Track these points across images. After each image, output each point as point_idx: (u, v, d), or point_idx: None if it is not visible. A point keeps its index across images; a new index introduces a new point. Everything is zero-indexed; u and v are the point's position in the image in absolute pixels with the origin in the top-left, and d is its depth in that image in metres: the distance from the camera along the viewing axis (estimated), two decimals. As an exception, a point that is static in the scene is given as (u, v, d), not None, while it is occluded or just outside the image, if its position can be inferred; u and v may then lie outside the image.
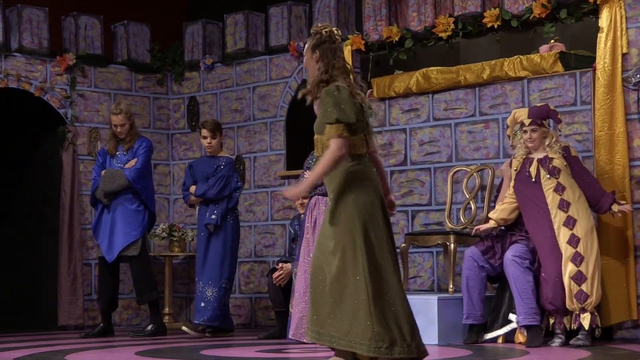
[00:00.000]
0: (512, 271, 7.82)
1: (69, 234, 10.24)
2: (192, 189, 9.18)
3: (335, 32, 5.65)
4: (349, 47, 9.72)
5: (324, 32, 5.62)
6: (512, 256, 7.86)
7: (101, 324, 9.31)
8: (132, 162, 9.16)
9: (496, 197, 8.43)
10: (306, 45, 5.66)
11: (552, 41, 8.73)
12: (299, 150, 9.96)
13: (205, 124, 9.21)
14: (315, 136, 5.62)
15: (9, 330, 9.87)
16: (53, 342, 8.76)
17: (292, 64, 10.31)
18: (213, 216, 9.03)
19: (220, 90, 10.87)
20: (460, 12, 9.20)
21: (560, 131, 8.11)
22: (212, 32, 11.06)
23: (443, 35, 9.27)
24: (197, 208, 9.28)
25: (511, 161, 8.15)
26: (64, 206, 10.27)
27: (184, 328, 9.20)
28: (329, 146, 5.42)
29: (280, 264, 8.89)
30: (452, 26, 9.22)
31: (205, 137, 9.16)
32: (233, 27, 10.75)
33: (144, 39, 11.04)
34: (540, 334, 7.77)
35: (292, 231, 9.11)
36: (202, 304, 9.01)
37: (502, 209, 8.04)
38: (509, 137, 8.36)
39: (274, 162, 10.41)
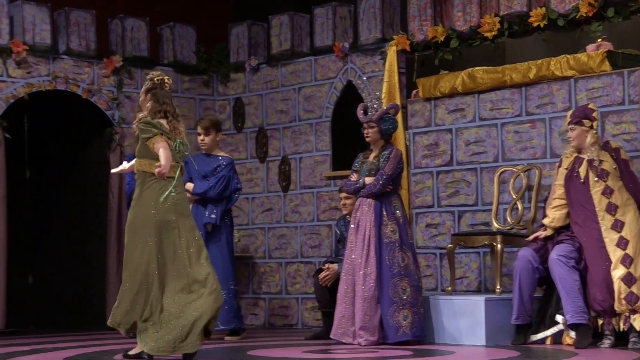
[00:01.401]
0: (557, 271, 7.78)
1: (117, 235, 10.31)
2: (189, 186, 8.89)
3: (166, 80, 6.96)
4: (394, 47, 9.70)
5: (156, 80, 6.95)
6: (557, 256, 7.81)
7: None
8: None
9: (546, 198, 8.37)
10: (142, 88, 6.97)
11: (599, 40, 8.65)
12: (344, 151, 9.98)
13: (200, 121, 9.18)
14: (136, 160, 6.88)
15: (59, 331, 9.96)
16: (101, 342, 8.83)
17: (337, 65, 10.32)
18: (213, 215, 8.89)
19: (266, 92, 10.90)
20: (506, 12, 9.15)
21: (595, 130, 8.01)
22: (258, 33, 11.09)
23: (489, 35, 9.23)
24: (192, 206, 8.94)
25: (562, 160, 8.11)
26: (111, 207, 10.35)
27: None
28: (159, 155, 6.74)
29: (326, 265, 8.89)
30: (498, 26, 9.17)
31: (199, 134, 9.08)
32: (278, 28, 10.78)
33: (190, 40, 11.09)
34: (588, 334, 7.71)
35: (338, 232, 9.11)
36: None
37: (558, 217, 7.98)
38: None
39: (320, 162, 10.42)
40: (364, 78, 10.04)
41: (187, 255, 6.86)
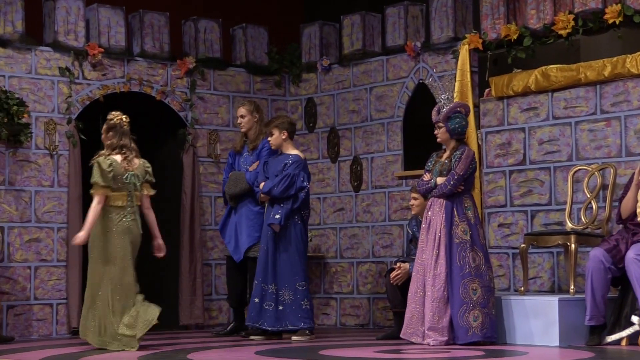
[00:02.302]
0: (634, 270, 7.65)
1: (190, 235, 10.41)
2: (262, 185, 8.96)
3: (124, 119, 8.18)
4: (466, 46, 9.64)
5: (115, 120, 8.16)
6: (635, 255, 7.68)
7: (233, 323, 9.43)
8: (255, 165, 9.25)
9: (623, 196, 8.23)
10: (104, 126, 8.19)
11: (677, 36, 8.52)
12: (416, 151, 9.94)
13: (267, 123, 9.17)
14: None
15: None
16: (175, 341, 8.91)
17: (409, 64, 10.28)
18: (277, 216, 8.81)
19: (338, 92, 10.90)
20: (580, 9, 9.04)
21: None
22: (329, 33, 11.10)
23: (563, 32, 9.13)
24: (266, 206, 9.06)
25: None
26: (185, 207, 10.44)
27: (252, 337, 8.95)
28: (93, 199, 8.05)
29: (398, 264, 8.85)
30: (572, 23, 9.06)
31: (270, 135, 9.05)
32: (350, 28, 10.78)
33: (262, 41, 11.14)
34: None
35: (409, 232, 9.06)
36: (281, 308, 8.80)
37: None
38: None
39: (392, 162, 10.39)
40: (432, 78, 9.99)
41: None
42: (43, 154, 9.80)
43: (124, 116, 8.25)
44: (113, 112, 8.30)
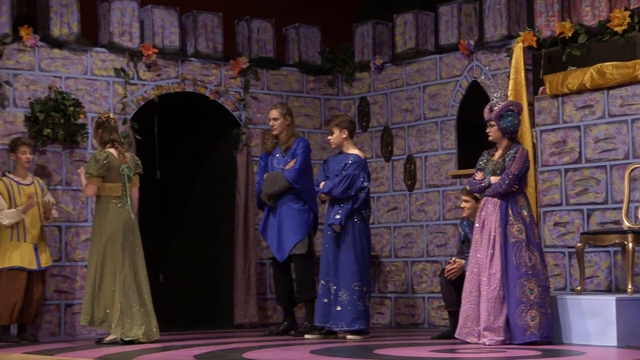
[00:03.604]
0: None
1: (244, 234, 10.45)
2: (322, 185, 8.92)
3: (111, 116, 8.83)
4: (521, 44, 9.58)
5: (103, 117, 8.76)
6: None
7: (285, 322, 9.45)
8: (292, 163, 9.26)
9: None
10: (93, 125, 8.94)
11: None
12: (470, 149, 9.90)
13: (325, 122, 9.18)
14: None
15: (189, 329, 10.14)
16: (230, 340, 8.95)
17: (463, 63, 10.24)
18: (337, 216, 8.77)
19: (391, 90, 10.89)
20: (636, 5, 8.96)
21: None
22: (382, 32, 11.09)
23: (618, 29, 9.04)
24: (326, 205, 9.02)
25: None
26: (239, 207, 10.49)
27: (307, 336, 8.97)
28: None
29: (453, 259, 8.80)
30: (628, 20, 8.98)
31: (330, 134, 9.00)
32: (403, 27, 10.76)
33: (315, 41, 11.16)
34: None
35: (462, 233, 9.01)
36: (339, 308, 8.76)
37: None
38: None
39: (445, 161, 10.36)
40: (483, 77, 9.94)
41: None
42: (99, 154, 9.88)
43: (111, 114, 8.95)
44: (100, 112, 9.15)
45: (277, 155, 9.39)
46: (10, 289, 8.92)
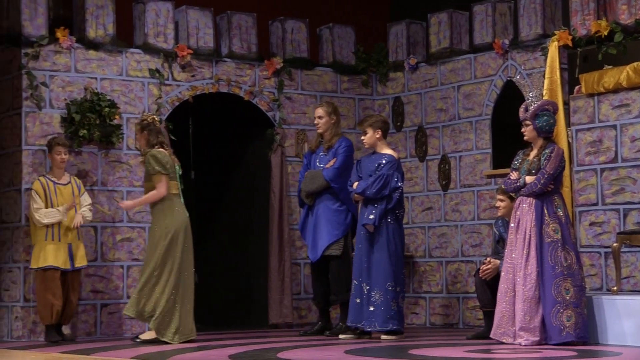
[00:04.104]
0: None
1: (279, 234, 10.46)
2: (355, 185, 8.88)
3: (156, 118, 8.98)
4: (556, 42, 9.53)
5: (149, 119, 8.89)
6: None
7: (320, 322, 9.46)
8: (332, 162, 9.26)
9: None
10: (137, 126, 9.03)
11: None
12: (505, 149, 9.86)
13: (359, 122, 9.12)
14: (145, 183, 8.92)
15: (224, 328, 10.17)
16: (265, 339, 8.97)
17: (497, 62, 10.20)
18: (371, 216, 8.72)
19: (425, 90, 10.87)
20: (673, 3, 8.89)
21: None
22: (416, 32, 11.07)
23: (655, 27, 8.99)
24: (359, 205, 8.98)
25: None
26: (273, 207, 10.50)
27: (342, 336, 8.97)
28: (156, 187, 8.76)
29: (488, 258, 8.77)
30: (665, 17, 8.92)
31: (363, 134, 8.96)
32: (437, 27, 10.74)
33: (349, 40, 11.16)
34: None
35: (496, 233, 8.97)
36: (372, 308, 8.73)
37: None
38: None
39: (480, 161, 10.33)
40: (519, 76, 9.90)
41: None
42: (134, 154, 9.95)
43: (155, 115, 9.09)
44: (145, 113, 9.16)
45: (320, 153, 9.40)
46: (46, 289, 8.98)
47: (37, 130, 9.55)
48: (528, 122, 8.18)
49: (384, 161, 8.82)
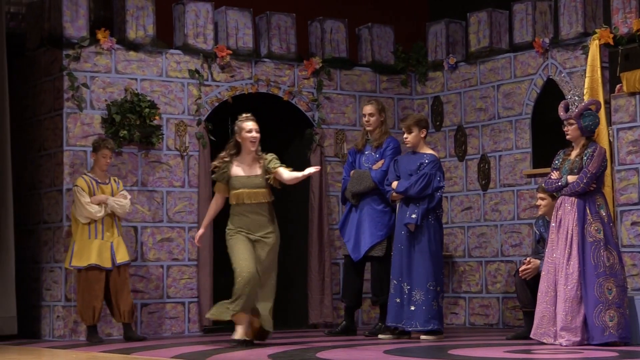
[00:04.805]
0: None
1: (318, 234, 10.47)
2: (394, 184, 8.87)
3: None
4: (597, 41, 9.46)
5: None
6: None
7: (344, 322, 9.45)
8: (379, 164, 9.24)
9: None
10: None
11: None
12: (545, 149, 9.80)
13: (402, 120, 9.10)
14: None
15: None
16: (304, 339, 8.98)
17: (537, 61, 10.15)
18: (413, 215, 8.71)
19: (464, 90, 10.83)
20: None
21: None
22: (455, 31, 11.03)
23: (698, 24, 8.90)
24: (398, 205, 8.95)
25: None
26: (313, 207, 10.51)
27: (381, 336, 8.94)
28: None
29: (528, 259, 8.72)
30: None
31: (403, 133, 8.90)
32: (476, 26, 10.69)
33: (388, 40, 11.14)
34: None
35: (537, 232, 8.91)
36: (412, 308, 8.72)
37: None
38: None
39: (520, 160, 10.27)
40: (564, 75, 9.83)
41: None
42: (174, 155, 10.00)
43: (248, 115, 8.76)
44: (243, 115, 8.62)
45: (367, 152, 9.38)
46: (89, 289, 9.03)
47: (78, 131, 9.62)
48: (573, 122, 8.12)
49: (426, 161, 8.80)
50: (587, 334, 7.90)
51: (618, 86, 9.46)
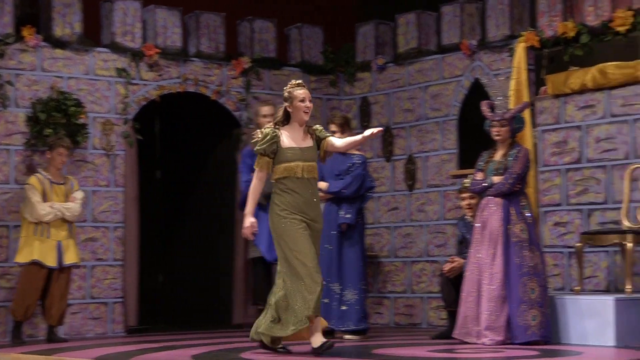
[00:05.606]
0: None
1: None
2: (323, 185, 8.72)
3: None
4: (523, 43, 9.55)
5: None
6: None
7: None
8: None
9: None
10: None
11: None
12: (471, 149, 9.86)
13: (333, 119, 8.97)
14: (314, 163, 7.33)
15: (188, 329, 10.12)
16: (228, 340, 8.93)
17: (464, 63, 10.22)
18: (348, 215, 8.72)
19: (392, 90, 10.87)
20: (639, 5, 8.90)
21: None
22: (384, 32, 11.07)
23: (621, 29, 9.01)
24: (324, 205, 8.82)
25: None
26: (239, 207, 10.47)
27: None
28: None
29: (452, 257, 8.77)
30: (632, 19, 8.95)
31: (333, 132, 8.76)
32: (405, 27, 10.74)
33: (317, 41, 11.15)
34: None
35: (459, 233, 8.97)
36: (344, 308, 8.72)
37: None
38: None
39: (446, 161, 10.33)
40: (492, 76, 9.91)
41: None
42: (100, 154, 9.91)
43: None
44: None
45: None
46: (28, 285, 8.89)
47: (1, 129, 9.49)
48: (505, 123, 8.19)
49: (358, 161, 8.84)
50: (510, 333, 7.97)
51: (543, 88, 9.56)
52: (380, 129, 7.26)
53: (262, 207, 9.27)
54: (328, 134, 7.45)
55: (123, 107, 10.06)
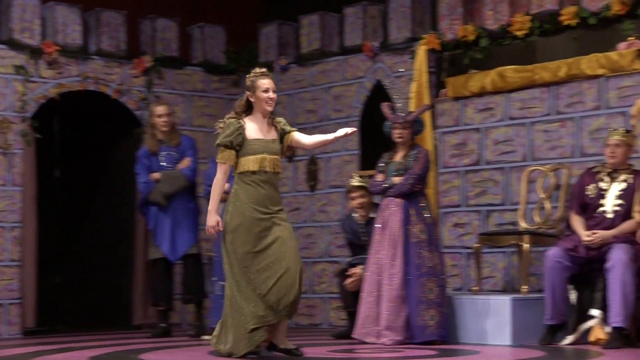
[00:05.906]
0: (620, 275, 7.56)
1: (144, 234, 10.26)
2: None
3: None
4: (424, 46, 9.64)
5: None
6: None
7: (163, 325, 9.32)
8: (186, 162, 9.20)
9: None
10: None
11: (631, 38, 8.54)
12: (372, 151, 9.92)
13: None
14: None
15: (86, 330, 9.99)
16: (128, 341, 8.85)
17: (367, 64, 10.27)
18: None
19: (295, 91, 10.88)
20: (537, 10, 9.07)
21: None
22: (287, 33, 11.08)
23: (519, 33, 9.16)
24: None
25: None
26: (138, 207, 10.36)
27: (205, 337, 8.82)
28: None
29: (351, 270, 8.80)
30: (529, 24, 9.10)
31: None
32: (308, 28, 10.76)
33: (219, 40, 11.11)
34: (624, 338, 7.58)
35: (344, 236, 9.03)
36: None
37: None
38: (633, 127, 8.11)
39: (348, 162, 10.38)
40: (394, 77, 9.99)
41: None
42: (-3, 152, 9.73)
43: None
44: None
45: (164, 153, 9.26)
46: None
47: None
48: (408, 125, 8.26)
49: None
50: (409, 332, 8.04)
51: (443, 91, 9.66)
52: (355, 129, 7.03)
53: (162, 207, 9.22)
54: (293, 129, 7.12)
55: (21, 105, 9.88)
